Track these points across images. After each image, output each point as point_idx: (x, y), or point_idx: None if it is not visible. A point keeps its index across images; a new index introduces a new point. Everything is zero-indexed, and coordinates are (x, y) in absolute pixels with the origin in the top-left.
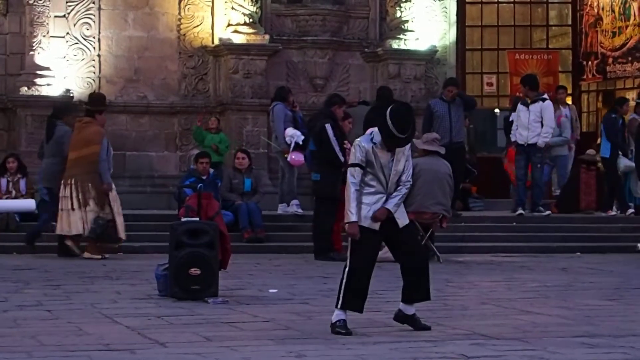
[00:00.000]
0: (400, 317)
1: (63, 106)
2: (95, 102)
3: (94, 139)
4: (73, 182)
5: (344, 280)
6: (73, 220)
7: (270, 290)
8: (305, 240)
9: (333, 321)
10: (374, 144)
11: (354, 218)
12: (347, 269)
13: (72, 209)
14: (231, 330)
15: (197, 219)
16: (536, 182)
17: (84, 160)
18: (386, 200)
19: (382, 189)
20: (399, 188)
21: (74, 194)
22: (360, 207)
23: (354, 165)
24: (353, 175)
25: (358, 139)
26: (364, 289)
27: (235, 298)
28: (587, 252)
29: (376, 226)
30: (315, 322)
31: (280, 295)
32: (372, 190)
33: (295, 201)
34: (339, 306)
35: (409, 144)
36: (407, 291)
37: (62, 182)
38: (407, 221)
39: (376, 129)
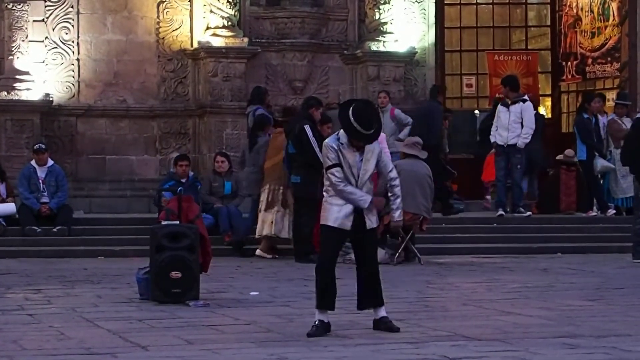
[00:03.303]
0: (374, 322)
1: (263, 118)
2: (290, 114)
3: (284, 146)
4: (267, 188)
5: (315, 279)
6: (261, 221)
7: (252, 293)
8: (286, 242)
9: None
10: (341, 144)
11: (369, 200)
12: (315, 269)
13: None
14: (212, 333)
15: (178, 222)
16: (516, 183)
17: (277, 167)
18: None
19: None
20: (393, 191)
21: (268, 199)
22: (351, 197)
23: (332, 166)
24: (335, 175)
25: (326, 141)
26: (330, 285)
27: (217, 301)
28: (567, 253)
29: (348, 226)
30: (296, 325)
31: (261, 298)
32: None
33: None
34: (315, 305)
35: (379, 143)
36: (361, 297)
37: (261, 189)
38: (374, 225)
39: (342, 130)
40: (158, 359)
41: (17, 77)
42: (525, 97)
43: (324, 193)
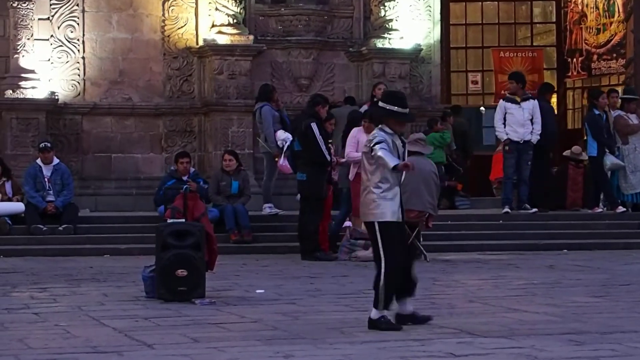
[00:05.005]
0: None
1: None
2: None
3: None
4: None
5: (386, 282)
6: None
7: (257, 291)
8: (292, 240)
9: (375, 318)
10: (389, 134)
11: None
12: (386, 271)
13: None
14: (218, 331)
15: (183, 220)
16: (524, 179)
17: None
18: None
19: (397, 181)
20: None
21: None
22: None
23: (379, 142)
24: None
25: (377, 140)
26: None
27: (223, 299)
28: (573, 249)
29: (401, 218)
30: (302, 322)
31: (267, 296)
32: (389, 185)
33: (268, 204)
34: (381, 307)
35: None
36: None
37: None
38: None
39: (380, 126)
40: (164, 357)
41: (23, 75)
42: (530, 94)
43: (373, 191)
